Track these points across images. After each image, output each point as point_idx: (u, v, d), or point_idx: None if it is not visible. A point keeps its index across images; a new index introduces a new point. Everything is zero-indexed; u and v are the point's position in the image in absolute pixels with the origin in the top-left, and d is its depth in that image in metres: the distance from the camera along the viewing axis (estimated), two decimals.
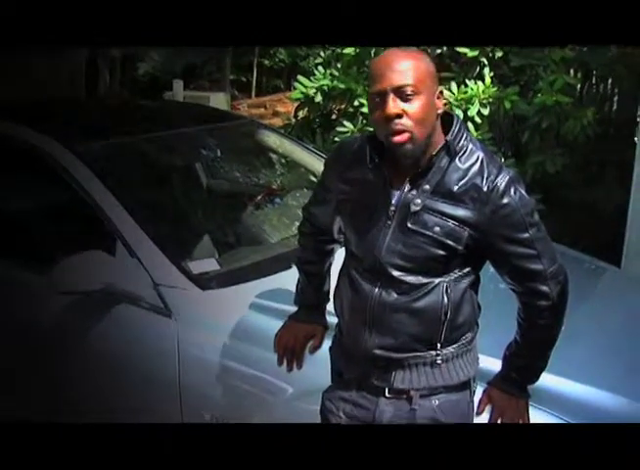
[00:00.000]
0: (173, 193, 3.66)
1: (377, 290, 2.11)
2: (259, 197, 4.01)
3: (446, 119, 2.09)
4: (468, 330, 2.17)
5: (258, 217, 3.85)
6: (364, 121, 4.89)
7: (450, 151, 2.05)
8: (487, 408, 2.26)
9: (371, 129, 4.77)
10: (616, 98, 5.39)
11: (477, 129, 4.54)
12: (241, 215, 3.85)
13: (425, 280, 2.08)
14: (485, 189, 2.02)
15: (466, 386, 2.18)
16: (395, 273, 2.08)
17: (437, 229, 2.04)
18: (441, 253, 2.05)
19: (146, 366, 2.89)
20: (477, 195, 2.02)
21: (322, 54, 5.50)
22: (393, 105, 1.97)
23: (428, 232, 2.05)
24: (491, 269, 2.19)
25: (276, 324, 2.59)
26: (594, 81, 5.33)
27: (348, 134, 4.85)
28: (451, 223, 2.04)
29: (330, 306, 2.46)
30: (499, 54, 4.68)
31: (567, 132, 4.48)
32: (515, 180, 2.06)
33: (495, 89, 4.49)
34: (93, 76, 12.70)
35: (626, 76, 4.74)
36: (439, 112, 2.05)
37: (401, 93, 1.97)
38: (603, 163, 5.00)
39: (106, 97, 11.06)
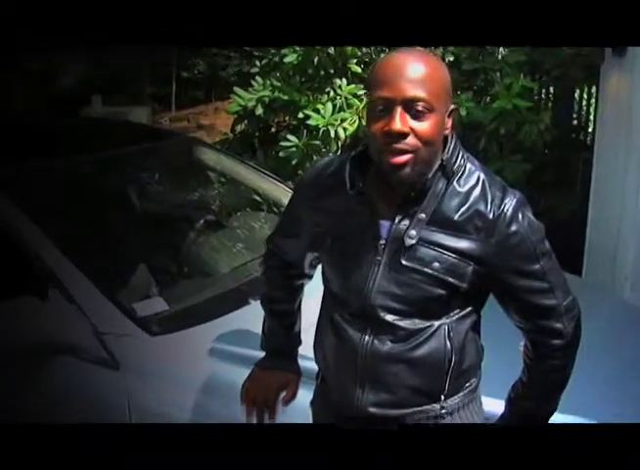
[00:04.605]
0: (107, 223, 3.29)
1: (367, 338, 1.82)
2: (201, 221, 3.68)
3: None
4: (472, 376, 1.91)
5: (203, 244, 3.52)
6: (310, 134, 4.57)
7: (447, 172, 1.76)
8: None
9: (316, 143, 4.54)
10: (573, 100, 5.21)
11: None
12: (183, 243, 3.52)
13: (423, 324, 1.80)
14: (491, 216, 1.74)
15: None
16: (388, 317, 1.79)
17: (437, 265, 1.76)
18: (442, 292, 1.77)
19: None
20: (481, 223, 1.75)
21: (258, 63, 5.17)
22: (401, 121, 1.66)
23: (425, 269, 1.76)
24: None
25: (240, 372, 2.25)
26: (549, 84, 5.13)
27: (293, 149, 4.54)
28: (453, 257, 1.75)
29: (302, 350, 2.19)
30: (450, 58, 4.44)
31: (524, 138, 4.25)
32: (522, 203, 1.79)
33: None
34: (5, 92, 12.16)
35: (582, 78, 4.55)
36: (447, 132, 1.75)
37: (412, 107, 1.67)
38: (561, 167, 4.81)
39: (20, 114, 10.51)
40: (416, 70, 1.67)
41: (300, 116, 4.60)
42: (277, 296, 2.17)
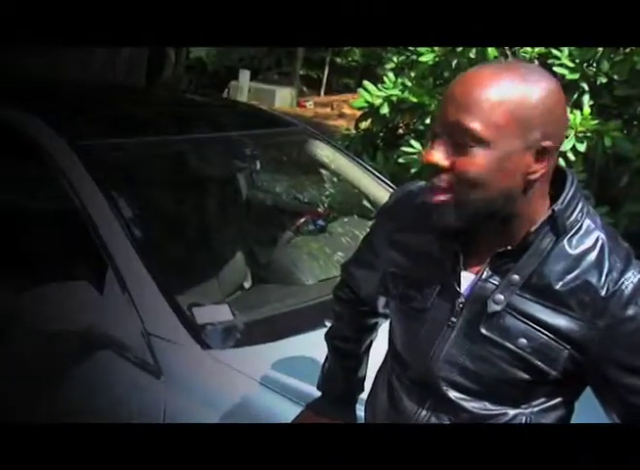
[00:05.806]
0: (189, 210, 3.03)
1: (424, 413, 1.52)
2: (301, 221, 3.39)
3: (554, 178, 1.43)
4: None
5: (297, 247, 3.21)
6: None
7: (557, 227, 1.39)
8: None
9: None
10: None
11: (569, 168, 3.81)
12: (274, 243, 3.24)
13: (494, 410, 1.47)
14: (604, 292, 1.37)
15: None
16: (452, 394, 1.48)
17: (524, 342, 1.41)
18: (524, 376, 1.43)
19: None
20: (589, 299, 1.38)
21: (395, 59, 4.83)
22: (438, 151, 1.35)
23: (509, 344, 1.41)
24: None
25: (292, 410, 1.97)
26: None
27: (414, 156, 4.18)
28: (545, 336, 1.40)
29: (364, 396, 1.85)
30: (603, 80, 3.97)
31: None
32: None
33: (595, 122, 3.78)
34: (159, 59, 12.29)
35: None
36: (534, 176, 1.36)
37: (455, 136, 1.33)
38: None
39: (167, 82, 10.55)
40: (469, 92, 1.32)
41: (427, 121, 4.25)
42: (343, 332, 1.87)
